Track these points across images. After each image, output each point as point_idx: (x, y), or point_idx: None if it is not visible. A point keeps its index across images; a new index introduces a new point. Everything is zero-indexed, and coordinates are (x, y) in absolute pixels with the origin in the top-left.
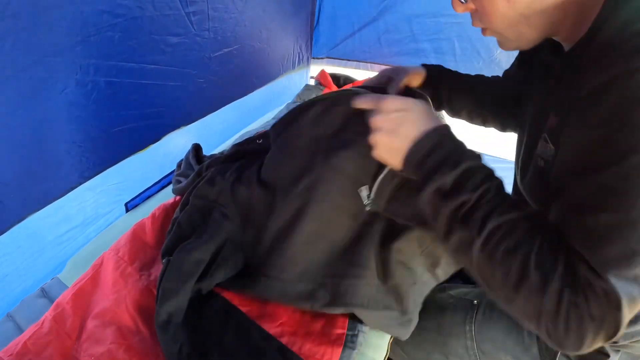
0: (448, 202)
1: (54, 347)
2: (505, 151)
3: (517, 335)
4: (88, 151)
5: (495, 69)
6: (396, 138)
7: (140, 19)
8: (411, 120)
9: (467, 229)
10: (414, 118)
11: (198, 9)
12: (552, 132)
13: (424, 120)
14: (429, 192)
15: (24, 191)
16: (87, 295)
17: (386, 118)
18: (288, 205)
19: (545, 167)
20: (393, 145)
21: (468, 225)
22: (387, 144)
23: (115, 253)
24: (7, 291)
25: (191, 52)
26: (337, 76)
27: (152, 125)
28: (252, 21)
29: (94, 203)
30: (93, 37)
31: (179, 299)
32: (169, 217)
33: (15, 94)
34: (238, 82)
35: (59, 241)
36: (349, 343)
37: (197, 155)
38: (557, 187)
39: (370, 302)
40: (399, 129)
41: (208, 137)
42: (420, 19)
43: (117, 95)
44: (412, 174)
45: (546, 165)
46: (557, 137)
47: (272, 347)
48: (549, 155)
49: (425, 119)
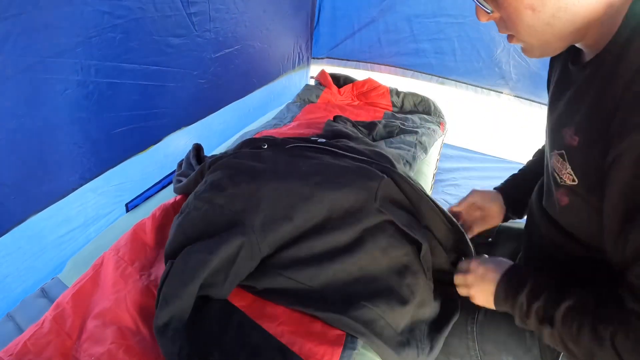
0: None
1: (54, 347)
2: (506, 151)
3: (518, 336)
4: (89, 152)
5: (495, 69)
6: (481, 295)
7: (142, 20)
8: (485, 286)
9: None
10: (486, 286)
11: (199, 9)
12: (572, 151)
13: (493, 277)
14: (517, 317)
15: (25, 192)
16: (87, 295)
17: (471, 282)
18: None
19: (561, 183)
20: (482, 298)
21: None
22: (480, 298)
23: (115, 253)
24: (7, 292)
25: (192, 52)
26: (337, 76)
27: (153, 126)
28: (253, 21)
29: (95, 204)
30: (94, 38)
31: (181, 303)
32: (169, 217)
33: (16, 94)
34: (238, 82)
35: (59, 242)
36: (349, 343)
37: (197, 155)
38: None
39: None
40: (482, 285)
41: (208, 138)
42: (420, 19)
43: (118, 96)
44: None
45: (562, 181)
46: (578, 161)
47: (272, 347)
48: (565, 173)
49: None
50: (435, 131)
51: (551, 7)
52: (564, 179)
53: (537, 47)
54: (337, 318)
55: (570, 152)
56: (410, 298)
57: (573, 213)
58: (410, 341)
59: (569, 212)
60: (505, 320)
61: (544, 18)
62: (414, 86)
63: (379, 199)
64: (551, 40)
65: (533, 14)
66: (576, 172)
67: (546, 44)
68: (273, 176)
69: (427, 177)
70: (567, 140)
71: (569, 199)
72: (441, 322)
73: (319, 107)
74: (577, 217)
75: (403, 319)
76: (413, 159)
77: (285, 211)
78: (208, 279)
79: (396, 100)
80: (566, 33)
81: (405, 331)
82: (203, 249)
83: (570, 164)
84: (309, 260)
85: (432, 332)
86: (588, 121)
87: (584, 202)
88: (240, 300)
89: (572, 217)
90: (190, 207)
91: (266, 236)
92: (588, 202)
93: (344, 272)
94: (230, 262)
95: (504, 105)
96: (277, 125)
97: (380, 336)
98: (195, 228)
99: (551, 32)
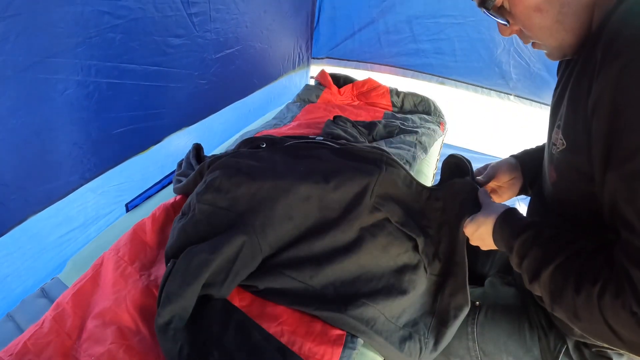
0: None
1: (54, 347)
2: (506, 151)
3: (518, 336)
4: (89, 152)
5: (495, 69)
6: (483, 242)
7: (142, 20)
8: (485, 232)
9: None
10: (486, 230)
11: (200, 10)
12: (563, 118)
13: (489, 226)
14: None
15: (25, 192)
16: (87, 295)
17: (473, 236)
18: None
19: (557, 155)
20: (485, 244)
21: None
22: (482, 245)
23: (115, 253)
24: (7, 292)
25: (193, 53)
26: (337, 76)
27: (154, 126)
28: (254, 22)
29: (95, 204)
30: (94, 38)
31: (183, 301)
32: (169, 217)
33: (16, 94)
34: (239, 83)
35: (59, 242)
36: (349, 343)
37: (197, 155)
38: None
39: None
40: (483, 239)
41: (208, 138)
42: (420, 20)
43: (119, 96)
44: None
45: (556, 152)
46: (568, 123)
47: (272, 346)
48: (559, 143)
49: (489, 224)
50: (435, 131)
51: (556, 5)
52: (557, 145)
53: (556, 47)
54: (337, 317)
55: (563, 119)
56: (410, 289)
57: (562, 184)
58: (413, 335)
59: (558, 186)
60: (505, 320)
61: (552, 16)
62: (414, 86)
63: (375, 196)
64: (566, 38)
65: (542, 14)
66: (565, 135)
67: (563, 41)
68: (272, 176)
69: (427, 177)
70: (561, 110)
71: (556, 173)
72: (447, 316)
73: (319, 107)
74: (566, 188)
75: (402, 310)
76: (413, 158)
77: (285, 210)
78: (209, 278)
79: (396, 100)
80: (576, 27)
81: (407, 325)
82: (205, 249)
83: (563, 131)
84: (309, 259)
85: (438, 325)
86: (575, 87)
87: (570, 168)
88: (240, 300)
89: (560, 190)
90: (194, 210)
91: (267, 235)
92: (574, 167)
93: (344, 271)
94: (231, 262)
95: (504, 105)
96: (277, 125)
97: (381, 334)
98: (198, 230)
99: (563, 29)
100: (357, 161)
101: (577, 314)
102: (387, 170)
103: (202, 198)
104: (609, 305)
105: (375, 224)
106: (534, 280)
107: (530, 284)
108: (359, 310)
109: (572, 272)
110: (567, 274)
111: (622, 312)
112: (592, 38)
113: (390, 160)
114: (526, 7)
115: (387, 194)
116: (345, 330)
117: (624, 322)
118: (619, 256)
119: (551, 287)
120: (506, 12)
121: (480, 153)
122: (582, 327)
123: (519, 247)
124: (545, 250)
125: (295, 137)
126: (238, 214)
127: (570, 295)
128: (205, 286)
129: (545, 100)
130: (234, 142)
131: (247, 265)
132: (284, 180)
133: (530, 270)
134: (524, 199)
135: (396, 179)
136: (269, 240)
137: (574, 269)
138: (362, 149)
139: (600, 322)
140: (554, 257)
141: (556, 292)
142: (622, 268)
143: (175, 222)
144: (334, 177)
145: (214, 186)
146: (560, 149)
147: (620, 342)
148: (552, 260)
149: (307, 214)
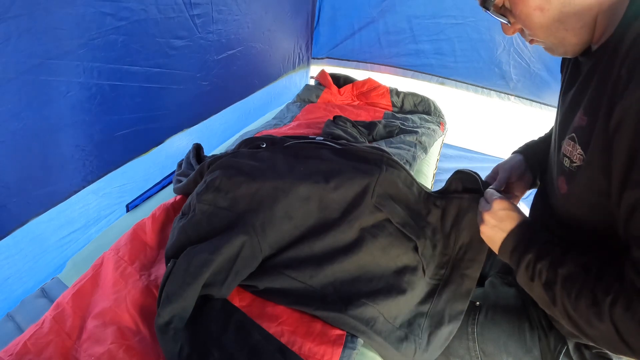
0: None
1: (54, 347)
2: (506, 151)
3: (519, 337)
4: (91, 155)
5: (495, 69)
6: (497, 232)
7: (145, 22)
8: (504, 226)
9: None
10: (497, 233)
11: (202, 11)
12: (581, 131)
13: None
14: (520, 270)
15: (27, 194)
16: (87, 295)
17: (493, 215)
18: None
19: (571, 168)
20: (495, 238)
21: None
22: (491, 235)
23: (115, 253)
24: (8, 293)
25: (195, 54)
26: (337, 76)
27: (156, 128)
28: (255, 23)
29: (97, 206)
30: (96, 40)
31: (184, 301)
32: (169, 217)
33: (18, 96)
34: (240, 84)
35: (60, 244)
36: (349, 343)
37: (197, 155)
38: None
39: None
40: (501, 224)
41: (209, 138)
42: (420, 20)
43: (121, 98)
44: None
45: (571, 165)
46: (587, 138)
47: (272, 346)
48: (575, 154)
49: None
50: (435, 131)
51: (557, 4)
52: (574, 161)
53: (557, 45)
54: (337, 317)
55: (579, 132)
56: (408, 290)
57: (574, 198)
58: (409, 336)
59: (569, 199)
60: (505, 321)
61: (553, 16)
62: (414, 86)
63: (376, 195)
64: (567, 37)
65: (542, 13)
66: (585, 149)
67: (563, 40)
68: (272, 176)
69: (427, 177)
70: (576, 123)
71: (568, 186)
72: (442, 320)
73: (319, 107)
74: (578, 202)
75: (400, 310)
76: (413, 159)
77: (285, 210)
78: (209, 278)
79: (396, 100)
80: (577, 28)
81: (404, 325)
82: (205, 249)
83: (580, 144)
84: (309, 259)
85: (430, 326)
86: (594, 100)
87: (586, 184)
88: (240, 300)
89: (572, 203)
90: (194, 210)
91: (267, 235)
92: (591, 183)
93: (344, 271)
94: (231, 262)
95: (504, 105)
96: (277, 125)
97: (380, 334)
98: (199, 231)
99: (564, 29)
100: (358, 161)
101: (591, 322)
102: (388, 171)
103: (202, 198)
104: (621, 317)
105: (375, 225)
106: (546, 286)
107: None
108: (359, 310)
109: (584, 286)
110: (580, 287)
111: (631, 323)
112: (608, 45)
113: (391, 161)
114: (527, 6)
115: (387, 194)
116: (345, 330)
117: (635, 333)
118: (629, 273)
119: (564, 301)
120: (507, 11)
121: (480, 153)
122: (593, 334)
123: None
124: (554, 261)
125: (295, 137)
126: (238, 214)
127: (584, 305)
128: (206, 286)
129: (545, 100)
130: (234, 142)
131: (247, 265)
132: (284, 180)
133: (541, 278)
134: (524, 199)
135: (396, 179)
136: (269, 240)
137: (587, 284)
138: (363, 149)
139: (612, 332)
140: (564, 268)
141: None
142: (632, 284)
143: (175, 222)
144: (334, 177)
145: (214, 186)
146: (577, 164)
147: (631, 352)
148: (561, 270)
149: (308, 214)
